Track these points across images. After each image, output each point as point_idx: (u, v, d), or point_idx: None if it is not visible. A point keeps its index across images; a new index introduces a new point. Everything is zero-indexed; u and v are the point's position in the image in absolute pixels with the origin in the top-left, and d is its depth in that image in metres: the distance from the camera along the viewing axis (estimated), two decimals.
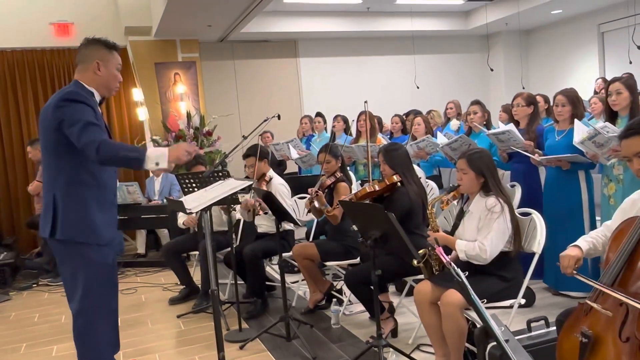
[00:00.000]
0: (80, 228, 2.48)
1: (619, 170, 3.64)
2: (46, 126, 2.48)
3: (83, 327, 2.58)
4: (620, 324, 1.80)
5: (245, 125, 8.81)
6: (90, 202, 2.49)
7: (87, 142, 2.32)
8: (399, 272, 3.42)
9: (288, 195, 4.38)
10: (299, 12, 9.02)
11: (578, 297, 3.64)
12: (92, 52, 2.56)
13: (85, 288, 2.53)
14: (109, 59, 2.58)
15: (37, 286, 5.82)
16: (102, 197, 2.56)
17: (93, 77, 2.55)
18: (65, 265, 2.57)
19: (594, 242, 2.27)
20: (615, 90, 3.63)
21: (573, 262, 2.15)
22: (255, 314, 4.22)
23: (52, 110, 2.43)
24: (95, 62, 2.54)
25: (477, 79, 10.66)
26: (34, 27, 7.42)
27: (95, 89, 2.58)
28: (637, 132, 2.01)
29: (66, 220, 2.46)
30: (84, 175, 2.49)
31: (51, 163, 2.52)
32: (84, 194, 2.49)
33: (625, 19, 7.79)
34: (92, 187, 2.51)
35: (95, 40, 2.60)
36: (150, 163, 2.30)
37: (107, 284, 2.62)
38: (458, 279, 1.54)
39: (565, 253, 2.22)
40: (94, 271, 2.53)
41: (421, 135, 5.38)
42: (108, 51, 2.59)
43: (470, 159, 2.94)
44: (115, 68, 2.62)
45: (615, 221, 2.25)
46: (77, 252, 2.51)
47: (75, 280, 2.54)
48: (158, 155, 2.32)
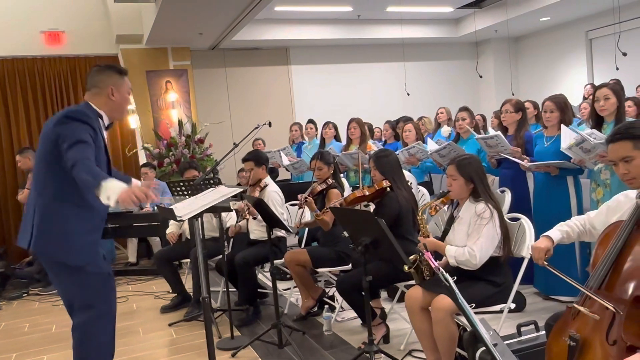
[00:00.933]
0: (56, 246, 2.46)
1: (606, 175, 3.68)
2: (45, 138, 2.52)
3: (84, 333, 2.57)
4: (607, 327, 1.82)
5: (237, 132, 8.82)
6: (71, 220, 2.48)
7: (69, 157, 2.34)
8: (391, 278, 3.44)
9: (281, 203, 4.38)
10: (290, 20, 9.07)
11: (568, 302, 3.66)
12: (106, 79, 2.64)
13: (84, 300, 2.53)
14: (122, 84, 2.68)
15: (27, 296, 5.78)
16: (86, 219, 2.54)
17: (106, 101, 2.63)
18: (58, 280, 2.58)
19: (569, 231, 2.36)
20: (603, 96, 3.68)
21: (543, 253, 2.25)
22: (247, 322, 4.22)
23: (53, 124, 2.48)
24: (109, 88, 2.63)
25: (468, 86, 10.75)
26: (25, 36, 7.42)
27: (106, 112, 2.64)
28: (624, 137, 2.03)
29: (40, 236, 2.46)
30: (71, 194, 2.48)
31: (41, 175, 2.54)
32: (67, 211, 2.49)
33: (612, 26, 7.90)
34: (77, 207, 2.50)
35: (108, 67, 2.70)
36: (103, 194, 2.21)
37: (105, 293, 2.62)
38: (446, 284, 1.55)
39: (535, 245, 2.32)
40: (89, 283, 2.54)
41: (412, 142, 5.41)
42: (120, 77, 2.68)
43: (460, 165, 2.96)
44: (127, 92, 2.72)
45: (599, 215, 2.30)
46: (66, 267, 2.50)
47: (72, 293, 2.55)
48: (111, 189, 2.21)
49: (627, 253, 1.91)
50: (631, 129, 2.04)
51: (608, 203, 2.28)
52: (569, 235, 2.36)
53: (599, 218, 2.29)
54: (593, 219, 2.33)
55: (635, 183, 2.04)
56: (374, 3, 8.55)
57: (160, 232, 5.98)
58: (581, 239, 2.39)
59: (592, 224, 2.33)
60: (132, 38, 7.55)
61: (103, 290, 2.58)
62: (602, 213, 2.28)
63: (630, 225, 1.93)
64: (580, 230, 2.36)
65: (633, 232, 1.92)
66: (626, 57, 7.26)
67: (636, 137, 2.00)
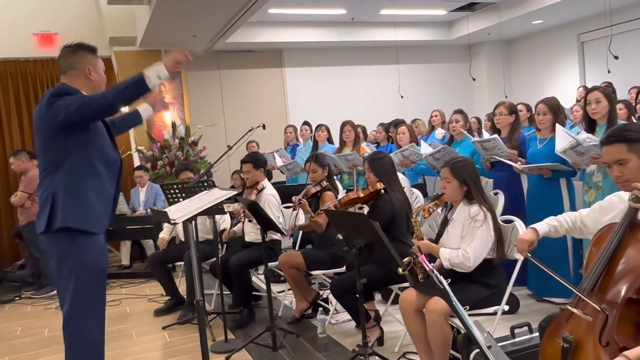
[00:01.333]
0: (78, 215, 2.50)
1: (598, 177, 3.71)
2: (41, 125, 2.53)
3: (74, 331, 2.56)
4: (600, 328, 1.83)
5: (231, 134, 8.81)
6: (88, 193, 2.53)
7: (90, 98, 2.39)
8: (385, 280, 3.44)
9: (277, 206, 4.37)
10: (284, 23, 9.07)
11: (561, 303, 3.67)
12: (80, 59, 2.62)
13: (77, 292, 2.53)
14: (96, 63, 2.67)
15: (19, 299, 5.74)
16: (100, 187, 2.60)
17: (86, 81, 2.61)
18: (60, 264, 2.56)
19: (558, 225, 2.40)
20: (595, 99, 3.70)
21: (526, 245, 2.32)
22: (242, 324, 4.21)
23: (45, 108, 2.48)
24: (86, 67, 2.61)
25: (461, 88, 10.79)
26: (17, 38, 7.38)
27: (86, 92, 2.61)
28: (618, 140, 2.04)
29: (66, 209, 2.49)
30: (82, 167, 2.53)
31: (48, 158, 2.54)
32: (83, 184, 2.53)
33: (603, 30, 7.96)
34: (90, 176, 2.55)
35: (79, 46, 2.66)
36: (153, 79, 2.37)
37: (98, 289, 2.62)
38: (440, 287, 1.56)
39: (520, 236, 2.38)
40: (87, 274, 2.55)
41: (406, 144, 5.43)
42: (93, 55, 2.67)
43: (454, 167, 2.97)
44: (102, 70, 2.72)
45: (591, 213, 2.32)
46: (70, 251, 2.51)
47: (68, 281, 2.54)
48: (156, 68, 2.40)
49: (620, 255, 1.92)
50: (625, 131, 2.05)
51: (601, 203, 2.29)
52: (557, 229, 2.39)
53: (590, 216, 2.31)
54: (584, 216, 2.35)
55: (629, 185, 2.05)
56: (368, 6, 8.57)
57: (153, 235, 5.96)
58: (569, 234, 2.43)
59: (582, 222, 2.36)
60: (125, 40, 7.53)
61: (96, 285, 2.59)
62: (594, 211, 2.30)
63: (623, 228, 1.94)
64: (569, 227, 2.39)
65: (626, 234, 1.93)
66: (617, 60, 7.31)
67: (630, 140, 2.01)
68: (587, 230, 2.35)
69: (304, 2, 8.22)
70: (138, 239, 6.82)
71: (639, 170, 1.99)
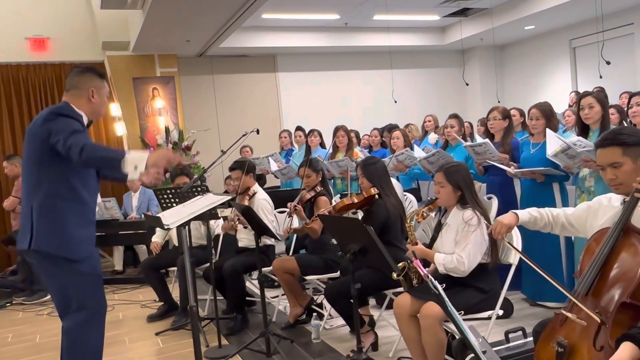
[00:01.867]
0: (55, 240, 2.48)
1: (591, 182, 3.72)
2: (33, 138, 2.54)
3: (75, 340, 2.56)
4: (594, 333, 1.84)
5: (225, 139, 8.79)
6: (68, 216, 2.51)
7: (72, 144, 2.36)
8: (379, 285, 3.43)
9: (270, 211, 4.37)
10: (277, 28, 9.08)
11: (555, 308, 3.69)
12: (87, 80, 2.67)
13: (76, 301, 2.53)
14: (101, 87, 2.72)
15: (11, 305, 5.69)
16: (81, 213, 2.57)
17: (87, 103, 2.65)
18: (51, 280, 2.57)
19: (538, 217, 2.41)
20: (588, 105, 3.72)
21: (504, 229, 2.37)
22: (236, 330, 4.18)
23: (41, 122, 2.49)
24: (90, 90, 2.66)
25: (454, 93, 10.82)
26: (10, 42, 7.35)
27: (85, 113, 2.66)
28: (613, 143, 2.05)
29: (40, 231, 2.48)
30: (64, 190, 2.51)
31: (32, 174, 2.55)
32: (62, 207, 2.51)
33: (595, 35, 8.02)
34: (72, 202, 2.53)
35: (88, 69, 2.73)
36: (129, 165, 2.29)
37: (97, 294, 2.62)
38: (435, 292, 1.55)
39: (500, 218, 2.40)
40: (82, 283, 2.54)
41: (400, 149, 5.44)
42: (100, 80, 2.72)
43: (448, 172, 2.98)
44: (106, 95, 2.77)
45: (579, 212, 2.34)
46: (61, 266, 2.50)
47: (64, 294, 2.54)
48: (137, 158, 2.32)
49: (614, 260, 1.92)
50: (620, 135, 2.06)
51: (589, 203, 2.30)
52: (536, 221, 2.41)
53: (578, 216, 2.33)
54: (570, 215, 2.37)
55: (622, 189, 2.06)
56: (361, 11, 8.60)
57: (146, 240, 5.93)
58: (546, 228, 2.43)
59: (568, 220, 2.37)
60: (118, 45, 7.51)
61: (95, 291, 2.59)
62: (582, 210, 2.32)
63: (616, 232, 1.94)
64: (548, 221, 2.40)
65: (619, 239, 1.94)
66: (609, 66, 7.37)
67: (625, 144, 2.03)
68: (574, 230, 2.36)
69: (298, 7, 8.24)
70: (131, 244, 6.78)
71: (632, 174, 2.00)
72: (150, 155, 2.32)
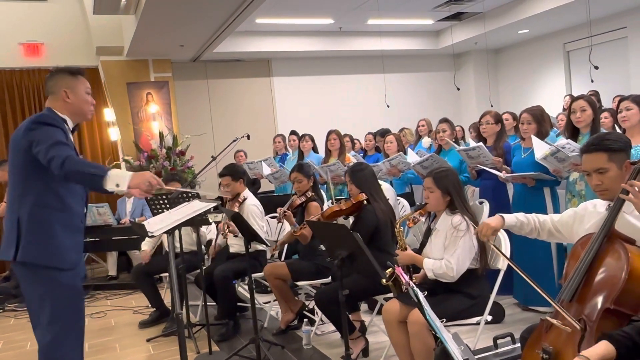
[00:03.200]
0: (43, 251, 2.44)
1: (581, 185, 3.73)
2: (16, 148, 2.48)
3: (53, 355, 2.50)
4: (579, 339, 1.83)
5: (219, 144, 8.78)
6: (55, 226, 2.47)
7: (53, 156, 2.31)
8: (370, 290, 3.42)
9: (260, 216, 4.36)
10: (271, 32, 9.09)
11: (546, 312, 3.68)
12: (58, 82, 2.59)
13: (54, 314, 2.47)
14: (75, 85, 2.61)
15: (3, 312, 5.66)
16: (68, 221, 2.53)
17: (64, 105, 2.57)
18: (31, 290, 2.51)
19: (525, 222, 2.39)
20: (580, 108, 3.72)
21: (490, 231, 2.32)
22: (227, 336, 4.16)
23: (23, 132, 2.44)
24: (62, 91, 2.57)
25: (448, 97, 10.83)
26: (3, 47, 7.34)
27: (68, 116, 2.59)
28: (599, 149, 2.05)
29: (29, 243, 2.44)
30: (51, 199, 2.47)
31: (18, 185, 2.50)
32: (50, 217, 2.46)
33: (586, 39, 8.04)
34: (58, 210, 2.49)
35: (58, 70, 2.64)
36: (110, 183, 2.27)
37: (75, 308, 2.56)
38: (415, 300, 1.54)
39: (487, 221, 2.36)
40: (62, 296, 2.49)
41: (393, 153, 5.43)
42: (73, 77, 2.62)
43: (437, 177, 2.98)
44: (85, 92, 2.64)
45: (565, 218, 2.34)
46: (44, 276, 2.46)
47: (43, 306, 2.48)
48: (120, 176, 2.31)
49: (598, 265, 1.92)
50: (606, 140, 2.06)
51: (575, 209, 2.31)
52: (522, 225, 2.39)
53: (565, 222, 2.33)
54: (557, 221, 2.36)
55: (607, 194, 2.06)
56: (355, 15, 8.61)
57: (139, 245, 5.91)
58: (533, 234, 2.42)
59: (555, 227, 2.36)
60: (112, 50, 7.51)
61: (73, 305, 2.53)
62: (568, 216, 2.32)
63: (600, 238, 1.94)
64: (534, 226, 2.39)
65: (603, 245, 1.93)
66: (600, 70, 7.38)
67: (611, 150, 2.03)
68: (561, 236, 2.36)
69: (292, 12, 8.25)
70: (124, 249, 6.75)
71: (618, 180, 2.00)
72: (132, 176, 2.31)
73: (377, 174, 4.78)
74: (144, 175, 2.33)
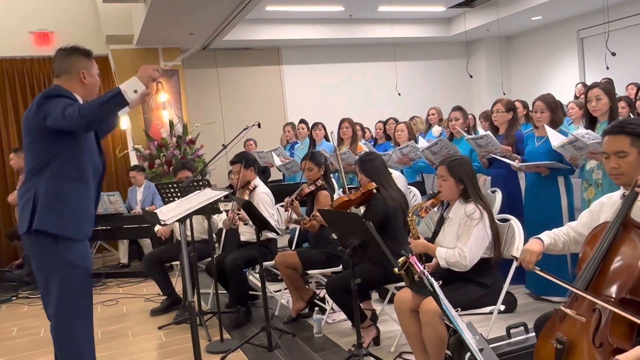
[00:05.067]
0: (58, 219, 2.45)
1: (599, 174, 3.67)
2: (30, 126, 2.49)
3: (63, 332, 2.53)
4: (593, 329, 1.81)
5: (229, 133, 8.78)
6: (72, 197, 2.49)
7: (70, 112, 2.32)
8: (381, 279, 3.41)
9: (271, 204, 4.36)
10: (281, 20, 9.04)
11: (559, 302, 3.66)
12: (75, 63, 2.58)
13: (62, 290, 2.48)
14: (91, 67, 2.62)
15: (16, 299, 5.73)
16: (84, 193, 2.55)
17: (80, 85, 2.57)
18: (42, 265, 2.51)
19: (556, 238, 2.29)
20: (595, 97, 3.66)
21: (534, 257, 2.17)
22: (238, 324, 4.18)
23: (35, 108, 2.45)
24: (81, 72, 2.57)
25: (459, 85, 10.74)
26: (14, 36, 7.36)
27: (80, 96, 2.57)
28: (623, 132, 2.01)
29: (45, 212, 2.44)
30: (68, 170, 2.48)
31: (34, 160, 2.50)
32: (67, 187, 2.48)
33: (602, 26, 7.91)
34: (76, 181, 2.51)
35: (74, 50, 2.62)
36: (130, 94, 2.29)
37: (83, 288, 2.57)
38: (430, 289, 1.53)
39: (526, 247, 2.24)
40: (71, 274, 2.49)
41: (404, 142, 5.40)
42: (88, 59, 2.62)
43: (450, 166, 2.94)
44: (96, 74, 2.68)
45: (581, 221, 2.28)
46: (54, 252, 2.47)
47: (51, 282, 2.49)
48: (131, 84, 2.33)
49: (613, 255, 1.89)
50: (631, 124, 2.02)
51: (590, 209, 2.26)
52: (556, 242, 2.28)
53: (584, 223, 2.25)
54: (578, 227, 2.28)
55: (622, 179, 2.03)
56: (366, 3, 8.53)
57: (150, 233, 5.94)
58: (565, 248, 2.30)
59: (578, 232, 2.27)
60: (122, 38, 7.50)
61: (82, 285, 2.54)
62: (585, 217, 2.26)
63: (616, 226, 1.91)
64: (564, 239, 2.28)
65: (619, 233, 1.90)
66: (616, 57, 7.27)
67: (635, 134, 1.99)
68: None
69: (302, 0, 8.19)
70: (135, 237, 6.79)
71: (635, 165, 1.97)
72: (140, 76, 2.35)
73: (387, 162, 4.75)
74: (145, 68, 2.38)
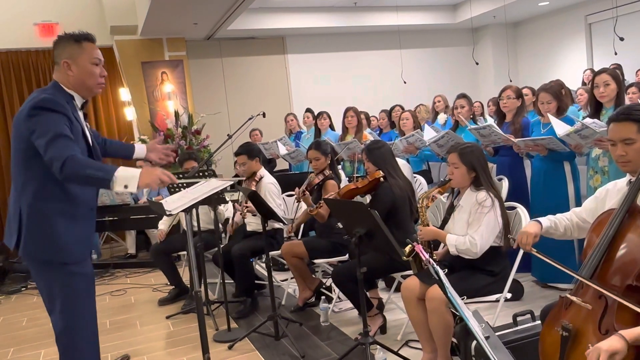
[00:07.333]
0: (44, 246, 2.30)
1: (604, 162, 3.65)
2: (18, 135, 2.29)
3: (67, 341, 2.44)
4: (599, 316, 1.80)
5: (234, 123, 8.76)
6: (56, 219, 2.30)
7: (53, 156, 2.13)
8: (387, 268, 3.42)
9: (277, 194, 4.36)
10: (286, 9, 8.98)
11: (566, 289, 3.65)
12: (60, 52, 2.33)
13: (64, 303, 2.36)
14: (79, 54, 2.32)
15: (25, 290, 5.78)
16: (72, 212, 2.36)
17: (67, 78, 2.33)
18: (39, 280, 2.40)
19: (557, 222, 2.30)
20: (603, 82, 3.62)
21: (531, 239, 2.19)
22: (245, 313, 4.21)
23: (24, 118, 2.24)
24: (63, 62, 2.31)
25: (466, 73, 10.66)
26: (19, 28, 7.36)
27: (74, 90, 2.36)
28: (628, 119, 1.98)
29: (29, 239, 2.30)
30: (52, 188, 2.29)
31: (20, 173, 2.32)
32: (50, 209, 2.30)
33: (610, 11, 7.81)
34: (60, 201, 2.31)
35: (62, 37, 2.35)
36: (118, 185, 2.10)
37: (85, 297, 2.45)
38: (436, 277, 1.53)
39: (525, 229, 2.26)
40: (71, 285, 2.37)
41: (409, 130, 5.37)
42: (77, 45, 2.32)
43: (462, 153, 2.91)
44: (90, 62, 2.34)
45: (585, 207, 2.27)
46: (49, 268, 2.35)
47: (52, 295, 2.38)
48: (128, 177, 2.13)
49: (619, 241, 1.88)
50: (637, 111, 1.99)
51: (595, 195, 2.24)
52: (557, 225, 2.30)
53: (589, 209, 2.25)
54: (582, 212, 2.28)
55: (629, 167, 2.01)
56: None
57: (157, 224, 5.96)
58: (567, 233, 2.31)
59: (582, 218, 2.27)
60: (126, 29, 7.48)
61: (85, 292, 2.43)
62: (590, 203, 2.25)
63: (621, 214, 1.89)
64: (566, 224, 2.30)
65: (625, 220, 1.89)
66: (625, 42, 7.18)
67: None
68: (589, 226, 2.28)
69: None
70: (142, 228, 6.82)
71: None
72: (142, 175, 2.15)
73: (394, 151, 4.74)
74: (154, 172, 2.17)
